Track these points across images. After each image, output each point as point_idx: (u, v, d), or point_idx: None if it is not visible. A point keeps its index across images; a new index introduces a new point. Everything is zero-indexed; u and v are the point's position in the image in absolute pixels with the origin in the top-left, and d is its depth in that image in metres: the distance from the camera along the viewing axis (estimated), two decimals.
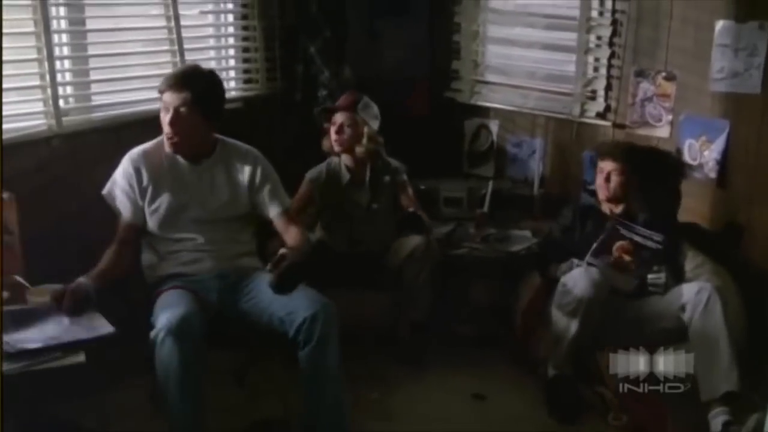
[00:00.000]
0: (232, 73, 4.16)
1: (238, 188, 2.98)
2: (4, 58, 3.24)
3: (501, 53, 4.59)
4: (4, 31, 3.24)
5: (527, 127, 4.46)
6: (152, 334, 2.57)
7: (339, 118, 3.61)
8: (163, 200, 2.89)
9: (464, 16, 4.56)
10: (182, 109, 2.80)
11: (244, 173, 2.98)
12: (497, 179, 4.39)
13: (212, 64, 4.05)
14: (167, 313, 2.59)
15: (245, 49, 4.14)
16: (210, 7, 4.10)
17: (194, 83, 2.83)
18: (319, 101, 4.06)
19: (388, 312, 3.61)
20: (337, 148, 3.64)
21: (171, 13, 3.69)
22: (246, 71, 4.16)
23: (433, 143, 4.48)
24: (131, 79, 3.64)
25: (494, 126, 4.57)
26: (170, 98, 2.81)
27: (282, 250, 2.73)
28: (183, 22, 3.74)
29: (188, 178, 2.94)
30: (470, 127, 4.65)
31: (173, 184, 2.91)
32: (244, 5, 4.08)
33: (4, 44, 3.24)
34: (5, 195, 2.81)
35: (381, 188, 3.71)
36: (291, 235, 2.97)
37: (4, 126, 3.13)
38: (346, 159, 3.69)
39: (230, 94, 4.03)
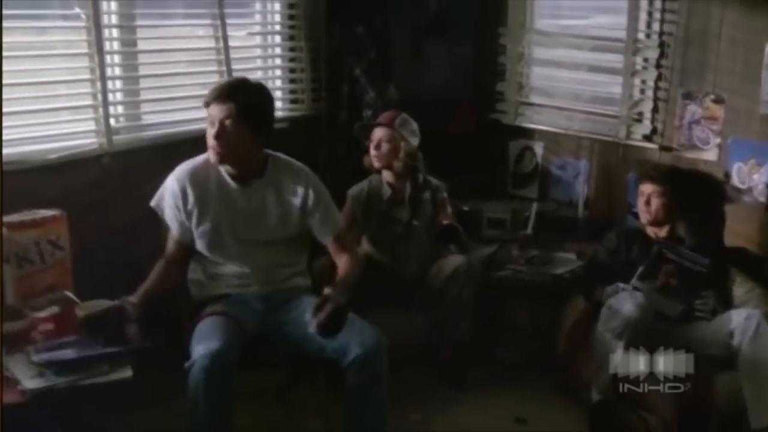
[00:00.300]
0: (278, 93, 4.19)
1: (290, 211, 2.86)
2: (59, 78, 3.34)
3: (546, 75, 4.58)
4: (60, 52, 3.35)
5: (572, 149, 4.44)
6: (187, 364, 2.55)
7: (377, 133, 3.66)
8: (210, 223, 2.81)
9: (509, 37, 4.56)
10: (228, 122, 2.68)
11: (296, 195, 2.85)
12: (541, 201, 4.37)
13: None
14: (203, 346, 2.54)
15: (292, 70, 4.19)
16: (258, 28, 4.16)
17: (240, 95, 2.72)
18: (363, 121, 4.09)
19: (430, 332, 3.60)
20: (376, 164, 3.67)
21: (219, 34, 3.75)
22: (292, 91, 4.21)
23: (477, 164, 4.48)
24: (180, 99, 3.70)
25: (539, 147, 4.55)
26: (216, 110, 2.70)
27: (326, 291, 2.65)
28: (231, 43, 3.80)
29: (237, 200, 2.83)
30: (514, 149, 4.64)
31: (221, 207, 2.81)
32: (291, 27, 4.14)
33: (59, 65, 3.35)
34: (57, 212, 2.88)
35: (421, 205, 3.72)
36: (342, 262, 2.88)
37: (57, 144, 3.22)
38: (386, 176, 3.72)
39: (276, 113, 4.07)
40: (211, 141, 2.72)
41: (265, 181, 2.85)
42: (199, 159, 2.85)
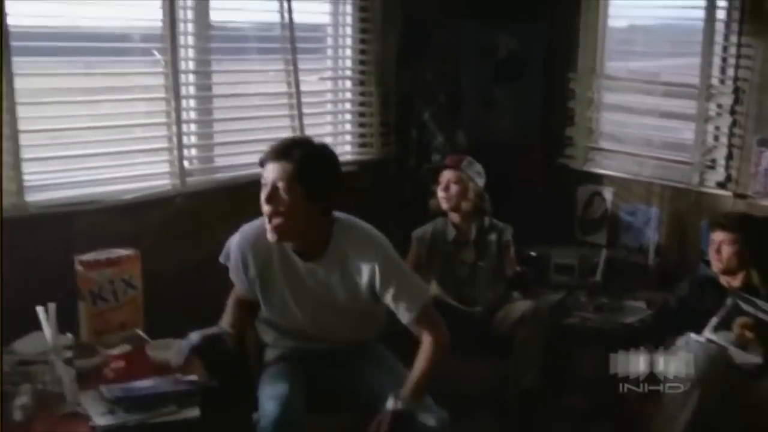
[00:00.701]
0: (347, 137, 4.26)
1: (357, 291, 2.55)
2: (136, 121, 3.44)
3: (616, 120, 4.54)
4: (138, 96, 3.46)
5: (643, 195, 4.36)
6: (254, 417, 2.53)
7: (445, 176, 3.68)
8: (272, 296, 2.62)
9: (579, 82, 4.54)
10: (280, 184, 2.37)
11: (362, 275, 2.51)
12: (611, 247, 4.31)
13: (329, 128, 4.18)
14: (271, 402, 2.49)
15: (361, 114, 4.25)
16: (329, 73, 4.24)
17: (297, 153, 2.39)
18: (431, 165, 4.12)
19: (497, 379, 3.56)
20: (444, 205, 3.69)
21: (291, 78, 3.83)
22: (362, 135, 4.26)
23: (545, 209, 4.44)
24: (252, 142, 3.78)
25: (608, 193, 4.50)
26: (269, 171, 2.40)
27: (390, 403, 2.45)
28: (302, 87, 3.88)
29: (302, 277, 2.56)
30: (583, 194, 4.59)
31: (284, 283, 2.58)
32: (361, 72, 4.20)
33: (137, 108, 3.46)
34: (131, 251, 2.95)
35: (486, 247, 3.71)
36: (423, 346, 2.57)
37: (132, 185, 3.30)
38: (453, 217, 3.73)
39: (345, 157, 4.15)
40: (264, 207, 2.42)
41: (329, 258, 2.53)
42: (263, 223, 2.51)
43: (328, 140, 4.11)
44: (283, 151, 2.41)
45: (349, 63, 4.22)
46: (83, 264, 2.86)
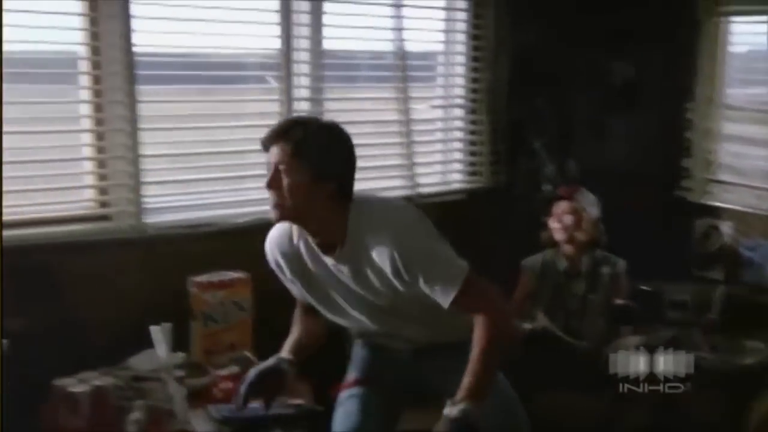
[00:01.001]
0: (457, 165, 4.25)
1: (387, 278, 2.21)
2: (251, 147, 3.49)
3: (736, 152, 4.38)
4: (251, 123, 3.54)
5: (764, 230, 4.19)
6: None
7: (559, 206, 3.65)
8: (319, 297, 2.39)
9: (697, 112, 4.41)
10: (282, 167, 2.14)
11: (384, 260, 2.17)
12: (729, 283, 4.14)
13: (438, 156, 4.18)
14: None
15: (472, 142, 4.23)
16: (440, 101, 4.24)
17: (296, 132, 2.16)
18: (543, 194, 4.07)
19: (603, 416, 3.46)
20: (558, 236, 3.65)
21: (402, 106, 3.86)
22: (471, 164, 4.24)
23: (659, 242, 4.31)
24: (363, 169, 3.75)
25: (726, 227, 4.33)
26: (270, 155, 2.17)
27: (445, 413, 2.10)
28: (413, 116, 3.91)
29: (333, 272, 2.30)
30: (700, 227, 4.43)
31: (321, 280, 2.33)
32: (473, 100, 4.19)
33: (253, 134, 3.51)
34: (243, 274, 3.01)
35: (598, 279, 3.66)
36: (476, 332, 2.18)
37: (247, 209, 3.37)
38: (566, 249, 3.68)
39: (454, 186, 4.16)
40: (269, 193, 2.19)
41: (348, 249, 2.22)
42: (285, 225, 2.33)
43: (437, 168, 4.15)
44: (281, 132, 2.18)
45: (460, 91, 4.22)
46: (197, 285, 2.93)
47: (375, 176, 3.74)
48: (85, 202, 3.15)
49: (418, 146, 3.94)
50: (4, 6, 2.50)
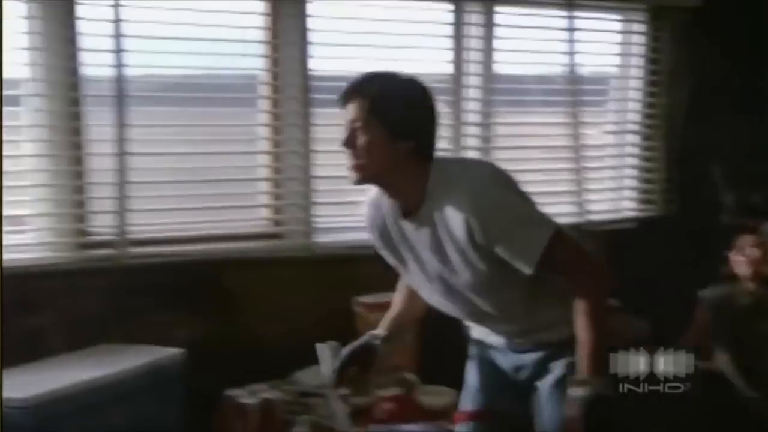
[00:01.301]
0: (628, 193, 4.12)
1: (463, 248, 1.97)
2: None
3: None
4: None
5: None
6: None
7: (744, 239, 3.43)
8: (406, 268, 2.17)
9: None
10: (358, 124, 1.99)
11: (460, 228, 1.94)
12: None
13: (610, 183, 4.07)
14: None
15: (646, 169, 4.10)
16: (613, 126, 4.14)
17: (372, 88, 2.00)
18: (720, 226, 3.88)
19: None
20: (740, 271, 3.43)
21: (574, 131, 3.79)
22: (644, 191, 4.10)
23: None
24: (533, 195, 3.75)
25: None
26: (347, 112, 2.01)
27: (570, 394, 1.93)
28: (584, 141, 3.83)
29: (409, 240, 2.08)
30: None
31: (404, 248, 2.11)
32: (648, 126, 4.06)
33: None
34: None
35: None
36: (577, 314, 1.97)
37: None
38: (748, 283, 3.46)
39: (625, 214, 4.03)
40: (346, 154, 2.03)
41: (425, 213, 2.01)
42: (376, 193, 2.16)
43: (608, 195, 4.03)
44: (357, 88, 2.01)
45: (634, 116, 4.09)
46: (362, 305, 2.98)
47: (543, 201, 3.67)
48: (259, 221, 3.28)
49: (588, 172, 3.85)
50: (197, 35, 2.66)
